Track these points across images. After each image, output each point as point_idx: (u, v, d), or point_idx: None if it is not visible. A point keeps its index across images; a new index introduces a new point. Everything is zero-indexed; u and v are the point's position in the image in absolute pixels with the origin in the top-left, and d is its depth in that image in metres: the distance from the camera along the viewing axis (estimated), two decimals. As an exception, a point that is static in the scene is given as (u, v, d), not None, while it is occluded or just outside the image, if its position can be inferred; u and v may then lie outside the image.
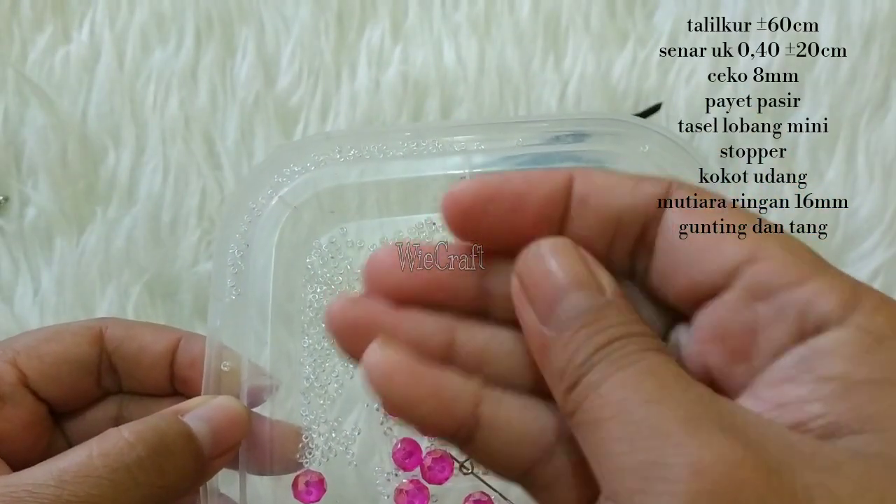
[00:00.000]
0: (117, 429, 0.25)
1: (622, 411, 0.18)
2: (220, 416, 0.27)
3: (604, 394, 0.18)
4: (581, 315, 0.19)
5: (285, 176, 0.29)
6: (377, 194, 0.32)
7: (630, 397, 0.18)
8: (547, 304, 0.20)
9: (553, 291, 0.19)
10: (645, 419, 0.17)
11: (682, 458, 0.16)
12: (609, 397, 0.18)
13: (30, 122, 0.46)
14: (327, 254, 0.31)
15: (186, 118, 0.46)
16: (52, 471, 0.24)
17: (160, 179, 0.45)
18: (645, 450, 0.17)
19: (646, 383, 0.18)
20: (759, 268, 0.19)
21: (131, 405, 0.30)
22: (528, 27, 0.48)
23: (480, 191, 0.21)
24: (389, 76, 0.46)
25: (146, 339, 0.30)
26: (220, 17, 0.48)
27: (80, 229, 0.45)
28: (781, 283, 0.18)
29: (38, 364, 0.29)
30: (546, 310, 0.20)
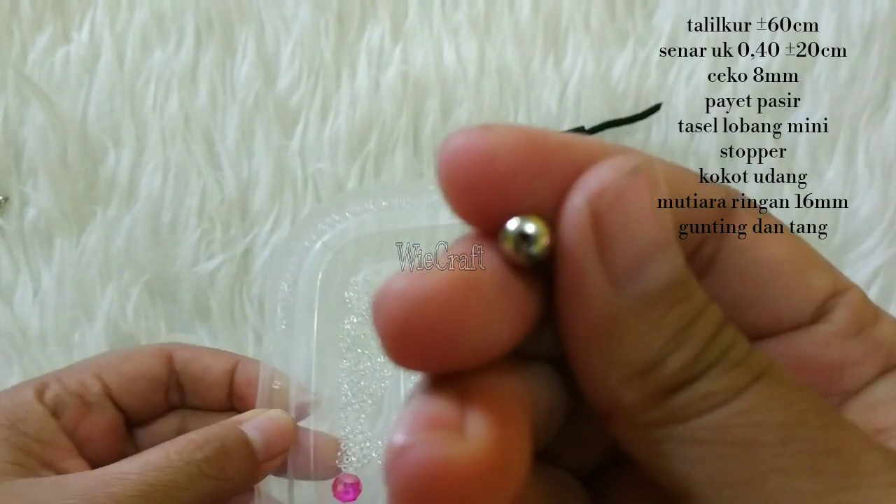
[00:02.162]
0: (187, 434, 0.30)
1: (792, 438, 0.14)
2: (272, 427, 0.32)
3: (749, 410, 0.14)
4: (674, 286, 0.14)
5: (327, 224, 0.35)
6: (405, 238, 0.35)
7: (797, 419, 0.14)
8: (632, 264, 0.14)
9: (648, 246, 0.14)
10: (836, 449, 0.14)
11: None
12: (762, 416, 0.14)
13: (30, 122, 0.46)
14: (362, 289, 0.37)
15: (186, 118, 0.46)
16: (135, 462, 0.29)
17: (160, 179, 0.45)
18: (851, 489, 0.14)
19: (807, 398, 0.14)
20: (849, 303, 0.17)
21: (192, 419, 0.35)
22: (528, 27, 0.47)
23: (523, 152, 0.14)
24: (389, 76, 0.46)
25: (209, 361, 0.35)
26: (220, 17, 0.47)
27: (80, 229, 0.45)
28: (868, 320, 0.17)
29: (118, 378, 0.33)
30: (628, 272, 0.14)
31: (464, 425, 0.13)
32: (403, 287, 0.13)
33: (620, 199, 0.14)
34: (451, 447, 0.13)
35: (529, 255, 0.14)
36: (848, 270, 0.44)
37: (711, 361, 0.14)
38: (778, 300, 0.17)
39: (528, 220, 0.14)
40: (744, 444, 0.14)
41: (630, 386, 0.15)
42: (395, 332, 0.13)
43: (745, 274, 0.17)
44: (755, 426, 0.14)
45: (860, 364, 0.17)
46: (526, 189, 0.14)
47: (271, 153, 0.46)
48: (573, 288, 0.14)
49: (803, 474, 0.14)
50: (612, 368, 0.15)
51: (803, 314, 0.17)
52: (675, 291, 0.14)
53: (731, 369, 0.14)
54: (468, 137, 0.14)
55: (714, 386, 0.14)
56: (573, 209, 0.14)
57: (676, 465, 0.14)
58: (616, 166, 0.14)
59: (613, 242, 0.14)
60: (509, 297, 0.14)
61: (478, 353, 0.14)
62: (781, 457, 0.14)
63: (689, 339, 0.14)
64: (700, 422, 0.14)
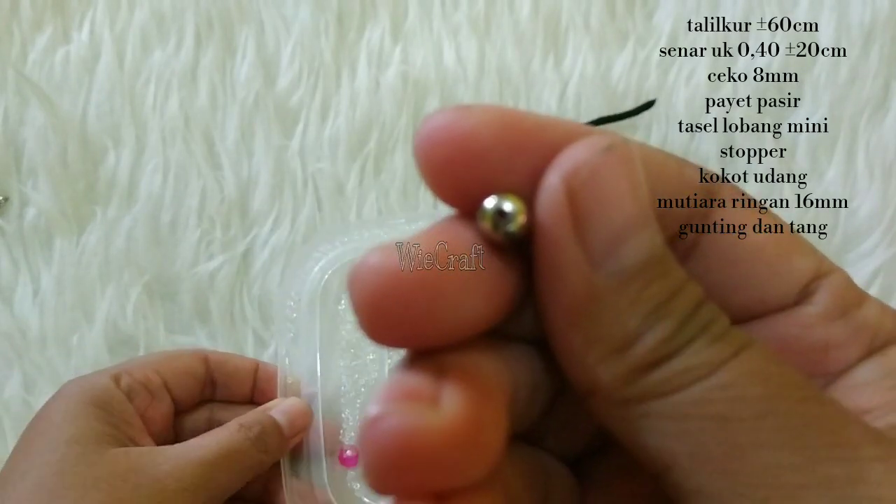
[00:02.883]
0: (236, 420, 0.37)
1: (771, 411, 0.14)
2: (293, 411, 0.39)
3: (728, 384, 0.14)
4: (652, 262, 0.14)
5: (321, 252, 0.42)
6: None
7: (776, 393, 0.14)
8: (609, 241, 0.14)
9: (623, 222, 0.14)
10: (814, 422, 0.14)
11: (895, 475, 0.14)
12: (742, 390, 0.14)
13: (30, 122, 0.46)
14: None
15: (186, 118, 0.46)
16: (208, 438, 0.36)
17: (160, 179, 0.45)
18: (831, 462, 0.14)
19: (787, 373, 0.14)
20: (832, 285, 0.17)
21: (220, 409, 0.41)
22: (528, 27, 0.48)
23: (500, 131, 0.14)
24: (389, 76, 0.46)
25: (237, 362, 0.42)
26: (220, 17, 0.47)
27: (80, 229, 0.45)
28: (852, 302, 0.17)
29: (172, 374, 0.39)
30: (605, 249, 0.14)
31: (438, 398, 0.13)
32: (378, 262, 0.13)
33: (595, 176, 0.14)
34: (422, 417, 0.13)
35: (507, 233, 0.14)
36: (848, 270, 0.44)
37: (690, 337, 0.14)
38: (761, 282, 0.17)
39: (505, 198, 0.14)
40: (723, 418, 0.14)
41: (609, 362, 0.14)
42: (370, 307, 0.14)
43: (727, 257, 0.17)
44: (735, 400, 0.14)
45: (844, 346, 0.17)
46: (503, 168, 0.14)
47: (271, 153, 0.46)
48: (551, 266, 0.14)
49: (783, 448, 0.14)
50: (591, 346, 0.14)
51: (787, 296, 0.17)
52: (652, 268, 0.14)
53: (711, 344, 0.14)
54: (445, 117, 0.14)
55: (693, 361, 0.14)
56: (549, 187, 0.14)
57: (657, 440, 0.14)
58: (590, 144, 0.14)
59: (589, 220, 0.14)
60: (485, 274, 0.14)
61: (454, 329, 0.14)
62: (761, 430, 0.14)
63: (668, 314, 0.14)
64: (679, 397, 0.14)
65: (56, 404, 0.36)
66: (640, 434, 0.15)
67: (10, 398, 0.42)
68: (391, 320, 0.14)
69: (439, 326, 0.14)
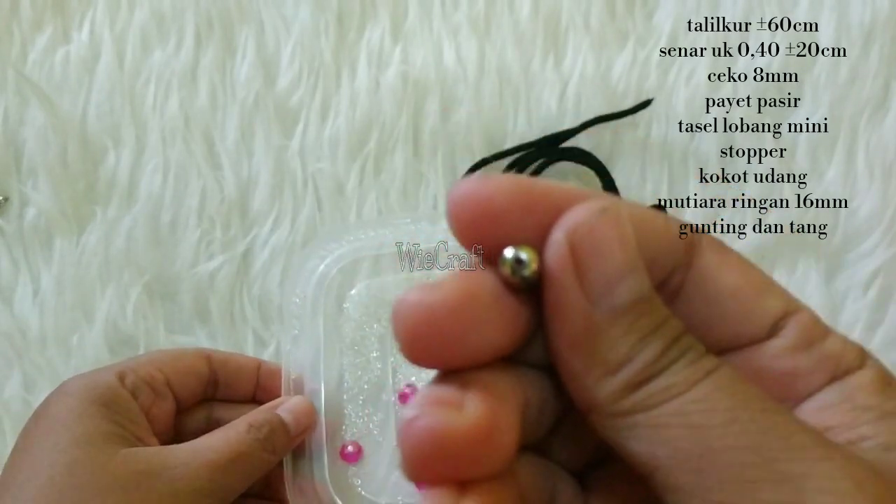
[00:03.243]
0: (243, 418, 0.38)
1: (736, 420, 0.17)
2: (299, 409, 0.40)
3: (702, 398, 0.17)
4: (640, 301, 0.18)
5: (328, 250, 0.43)
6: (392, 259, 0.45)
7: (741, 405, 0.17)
8: (605, 282, 0.17)
9: (615, 269, 0.17)
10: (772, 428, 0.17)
11: (838, 472, 0.16)
12: (713, 403, 0.17)
13: (30, 122, 0.46)
14: (356, 301, 0.45)
15: (186, 118, 0.46)
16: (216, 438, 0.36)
17: (160, 179, 0.45)
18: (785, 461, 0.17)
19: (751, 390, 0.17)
20: (799, 322, 0.20)
21: (219, 409, 0.41)
22: (528, 27, 0.47)
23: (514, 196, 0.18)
24: (389, 76, 0.46)
25: (240, 361, 0.42)
26: (220, 17, 0.47)
27: (80, 229, 0.45)
28: (817, 336, 0.20)
29: (175, 373, 0.39)
30: (602, 289, 0.17)
31: (463, 403, 0.17)
32: (417, 299, 0.17)
33: (592, 232, 0.18)
34: (450, 417, 0.17)
35: (522, 277, 0.18)
36: (848, 271, 0.44)
37: (671, 360, 0.18)
38: (736, 320, 0.20)
39: (521, 249, 0.18)
40: (698, 426, 0.17)
41: (604, 382, 0.18)
42: (410, 336, 0.17)
43: (707, 299, 0.20)
44: (707, 411, 0.17)
45: (810, 374, 0.19)
46: (516, 225, 0.18)
47: (271, 153, 0.46)
48: (557, 304, 0.18)
49: (746, 449, 0.17)
50: (590, 368, 0.18)
51: (759, 331, 0.20)
52: (641, 305, 0.18)
53: (688, 366, 0.18)
54: (470, 185, 0.18)
55: (673, 379, 0.17)
56: (555, 241, 0.18)
57: (644, 446, 0.17)
58: (588, 207, 0.18)
59: (588, 267, 0.18)
60: (503, 310, 0.18)
61: (478, 354, 0.18)
62: (728, 435, 0.17)
63: (653, 342, 0.18)
64: (662, 409, 0.17)
65: (60, 402, 0.35)
66: (630, 442, 0.18)
67: (10, 398, 0.42)
68: (427, 347, 0.17)
69: (466, 352, 0.17)
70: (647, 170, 0.46)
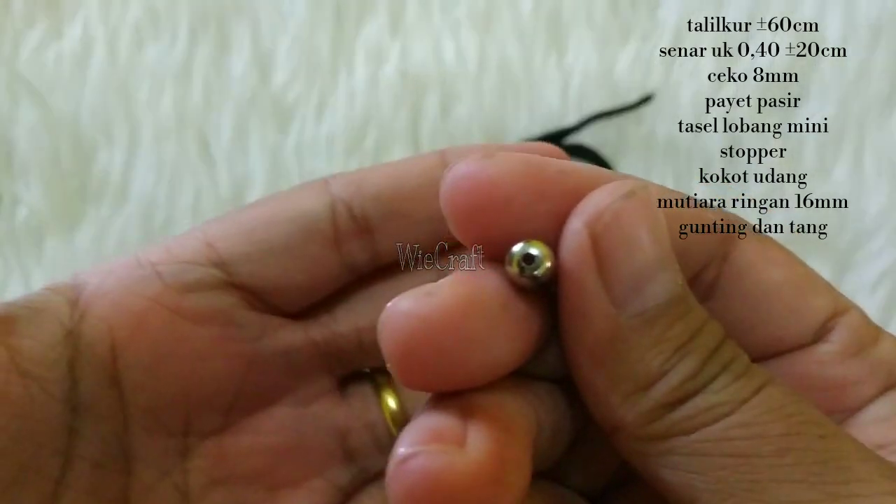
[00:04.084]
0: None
1: (790, 449, 0.14)
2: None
3: (750, 422, 0.14)
4: (674, 303, 0.15)
5: None
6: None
7: (795, 430, 0.15)
8: (633, 281, 0.15)
9: (646, 265, 0.15)
10: (831, 459, 0.14)
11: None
12: (763, 428, 0.14)
13: (21, 119, 0.45)
14: None
15: (180, 116, 0.46)
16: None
17: (153, 178, 0.45)
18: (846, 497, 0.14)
19: (805, 412, 0.15)
20: (849, 324, 0.17)
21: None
22: (529, 22, 0.47)
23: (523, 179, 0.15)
24: (388, 72, 0.46)
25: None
26: (214, 12, 0.47)
27: (73, 229, 0.44)
28: (868, 340, 0.18)
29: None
30: (630, 289, 0.15)
31: (465, 438, 0.14)
32: (408, 309, 0.14)
33: (617, 221, 0.15)
34: (450, 457, 0.14)
35: (533, 277, 0.15)
36: (855, 271, 0.44)
37: (712, 375, 0.15)
38: (779, 321, 0.17)
39: (531, 244, 0.15)
40: (744, 455, 0.14)
41: (633, 401, 0.15)
42: (401, 352, 0.14)
43: (746, 297, 0.17)
44: (755, 438, 0.14)
45: (861, 383, 0.17)
46: (526, 214, 0.15)
47: (267, 151, 0.45)
48: (576, 308, 0.15)
49: (801, 484, 0.14)
50: (616, 385, 0.15)
51: (804, 335, 0.17)
52: (674, 308, 0.15)
53: (732, 382, 0.15)
54: (470, 166, 0.15)
55: (715, 399, 0.15)
56: (573, 232, 0.15)
57: (680, 477, 0.15)
58: (612, 190, 0.15)
59: (612, 263, 0.15)
60: (511, 318, 0.15)
61: (481, 372, 0.15)
62: (780, 467, 0.14)
63: (690, 353, 0.15)
64: (702, 434, 0.15)
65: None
66: (663, 470, 0.15)
67: (1, 401, 0.42)
68: (421, 365, 0.14)
69: (468, 370, 0.14)
70: (652, 167, 0.45)
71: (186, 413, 0.19)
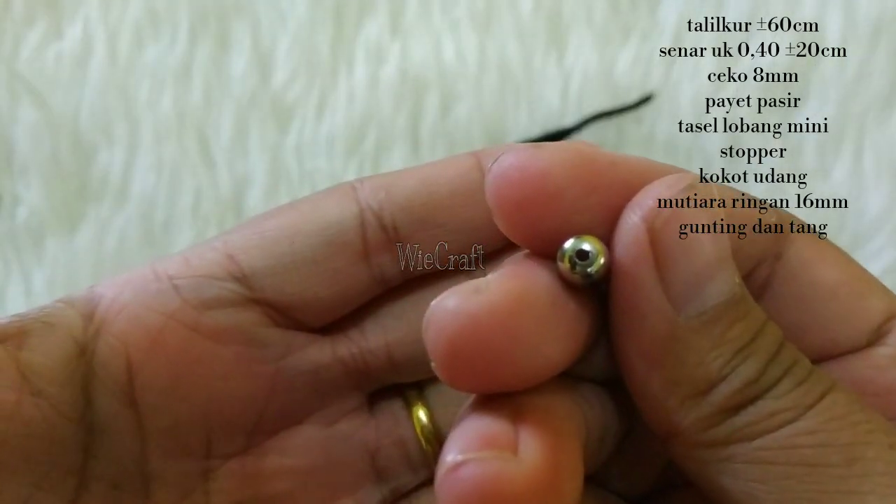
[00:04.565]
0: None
1: (858, 459, 0.14)
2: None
3: (815, 429, 0.14)
4: (733, 303, 0.14)
5: None
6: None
7: (863, 440, 0.14)
8: (692, 282, 0.14)
9: (706, 263, 0.14)
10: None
11: None
12: (829, 436, 0.14)
13: (21, 119, 0.45)
14: None
15: (180, 115, 0.45)
16: None
17: (153, 178, 0.45)
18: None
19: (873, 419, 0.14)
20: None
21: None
22: (529, 22, 0.47)
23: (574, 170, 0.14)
24: (388, 72, 0.46)
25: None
26: (214, 12, 0.47)
27: (73, 229, 0.44)
28: None
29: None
30: (687, 290, 0.14)
31: (517, 444, 0.13)
32: (456, 306, 0.13)
33: (677, 216, 0.14)
34: (505, 466, 0.13)
35: (586, 275, 0.14)
36: (856, 271, 0.44)
37: (775, 379, 0.14)
38: (833, 323, 0.17)
39: (584, 239, 0.14)
40: (810, 464, 0.14)
41: (691, 405, 0.14)
42: (447, 352, 0.13)
43: (799, 297, 0.17)
44: (822, 446, 0.14)
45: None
46: (577, 207, 0.14)
47: (267, 151, 0.45)
48: (631, 307, 0.14)
49: (871, 495, 0.14)
50: (673, 388, 0.14)
51: (859, 337, 0.17)
52: (734, 308, 0.14)
53: (796, 387, 0.14)
54: (518, 156, 0.14)
55: (779, 404, 0.14)
56: (630, 226, 0.14)
57: (741, 485, 0.14)
58: (671, 184, 0.14)
59: (672, 260, 0.14)
60: (562, 316, 0.14)
61: (530, 373, 0.14)
62: (849, 478, 0.14)
63: (751, 356, 0.14)
64: (765, 441, 0.14)
65: None
66: (723, 478, 0.15)
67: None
68: (469, 364, 0.14)
69: (517, 370, 0.14)
70: (651, 168, 0.45)
71: (207, 434, 0.18)
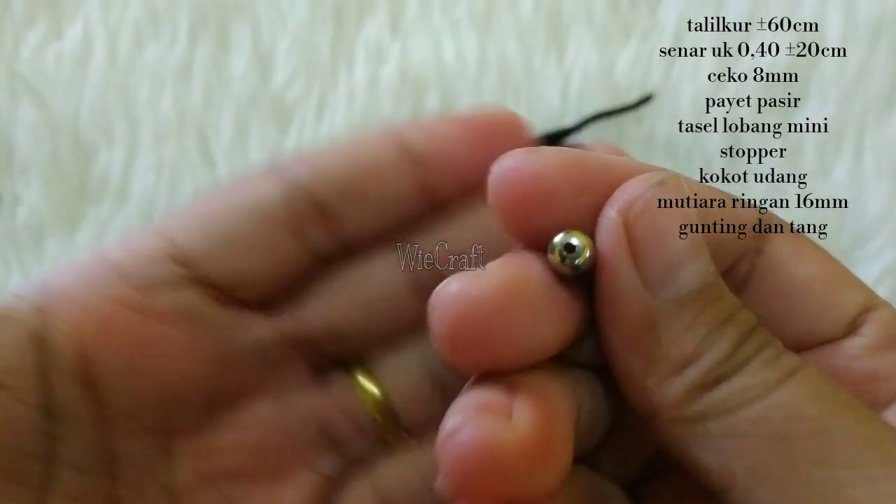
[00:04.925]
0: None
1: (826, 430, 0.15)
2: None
3: (785, 404, 0.15)
4: (706, 288, 0.15)
5: None
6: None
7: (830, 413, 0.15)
8: (665, 266, 0.15)
9: (677, 251, 0.15)
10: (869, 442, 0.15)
11: None
12: (799, 410, 0.15)
13: (21, 119, 0.45)
14: None
15: (180, 116, 0.45)
16: None
17: (154, 178, 0.44)
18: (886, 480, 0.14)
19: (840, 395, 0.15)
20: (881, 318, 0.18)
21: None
22: (529, 22, 0.47)
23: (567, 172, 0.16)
24: (388, 72, 0.46)
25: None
26: (214, 12, 0.47)
27: (73, 229, 0.44)
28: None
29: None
30: (662, 275, 0.15)
31: (511, 412, 0.15)
32: (459, 290, 0.15)
33: (649, 208, 0.15)
34: (499, 428, 0.14)
35: (573, 266, 0.16)
36: (855, 271, 0.43)
37: (746, 357, 0.15)
38: (811, 315, 0.18)
39: (572, 234, 0.16)
40: (781, 436, 0.15)
41: (668, 383, 0.16)
42: (451, 332, 0.15)
43: (779, 291, 0.18)
44: (792, 420, 0.15)
45: (892, 377, 0.17)
46: (569, 206, 0.16)
47: (267, 151, 0.45)
48: (611, 293, 0.16)
49: (840, 466, 0.15)
50: (652, 368, 0.16)
51: (836, 328, 0.18)
52: (707, 293, 0.16)
53: (767, 365, 0.15)
54: (517, 159, 0.16)
55: (751, 380, 0.15)
56: (607, 220, 0.16)
57: (717, 459, 0.15)
58: (644, 180, 0.16)
59: (645, 249, 0.15)
60: (554, 302, 0.16)
61: (525, 353, 0.16)
62: (818, 449, 0.15)
63: (723, 336, 0.15)
64: (739, 416, 0.15)
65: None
66: (700, 453, 0.16)
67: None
68: (469, 344, 0.15)
69: (512, 351, 0.15)
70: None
71: (165, 413, 0.19)
